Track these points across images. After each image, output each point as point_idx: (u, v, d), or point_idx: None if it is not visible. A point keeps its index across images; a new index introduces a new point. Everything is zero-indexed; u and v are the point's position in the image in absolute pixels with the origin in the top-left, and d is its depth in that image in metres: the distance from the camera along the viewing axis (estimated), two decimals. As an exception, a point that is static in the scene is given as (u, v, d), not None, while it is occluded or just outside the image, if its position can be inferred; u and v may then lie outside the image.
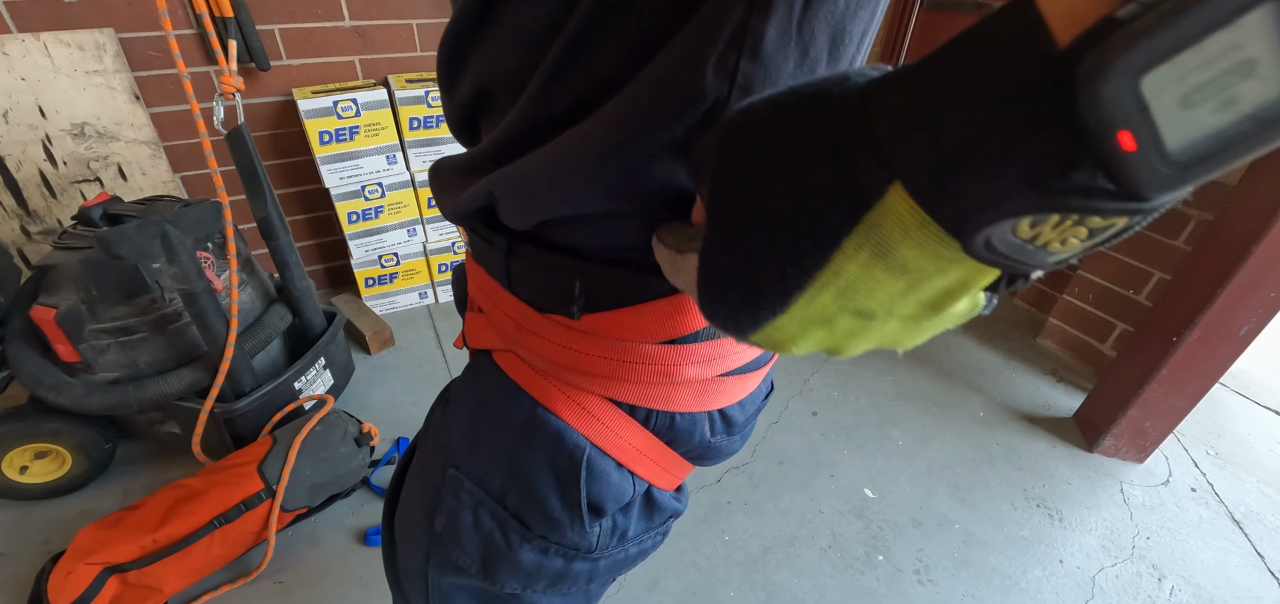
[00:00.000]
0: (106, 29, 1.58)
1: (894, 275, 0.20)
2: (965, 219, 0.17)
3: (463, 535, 0.43)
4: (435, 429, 0.47)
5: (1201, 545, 1.44)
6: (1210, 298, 1.37)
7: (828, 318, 0.22)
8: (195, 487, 1.21)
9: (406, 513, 0.50)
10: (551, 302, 0.38)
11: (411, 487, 0.50)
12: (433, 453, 0.46)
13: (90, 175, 1.68)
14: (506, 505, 0.42)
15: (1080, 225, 0.16)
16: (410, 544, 0.49)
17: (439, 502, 0.44)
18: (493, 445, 0.42)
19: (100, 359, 1.28)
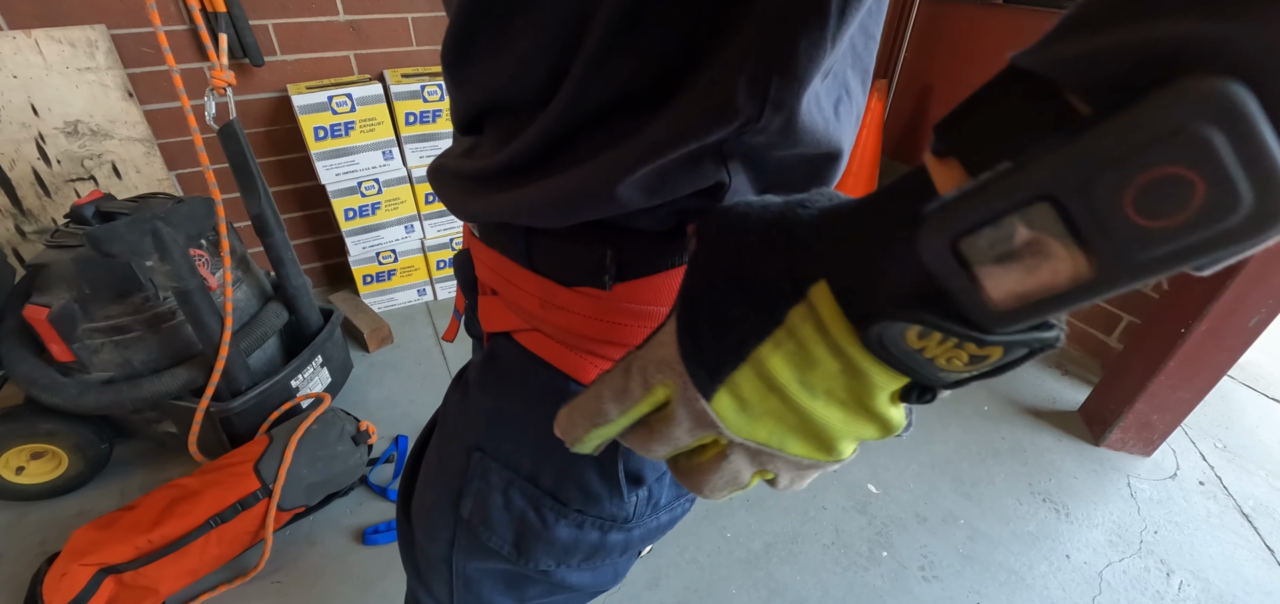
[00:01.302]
0: (98, 25, 1.57)
1: (829, 355, 0.23)
2: (862, 317, 0.21)
3: (493, 517, 0.44)
4: (455, 413, 0.47)
5: (1210, 540, 1.43)
6: (1219, 288, 1.35)
7: (778, 386, 0.24)
8: (191, 486, 1.20)
9: (426, 501, 0.50)
10: (580, 275, 0.37)
11: (430, 474, 0.49)
12: (455, 437, 0.46)
13: (84, 174, 1.66)
14: (540, 484, 0.42)
15: (960, 349, 0.20)
16: (432, 533, 0.49)
17: (465, 486, 0.44)
18: (521, 425, 0.42)
19: (95, 358, 1.27)
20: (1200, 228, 0.15)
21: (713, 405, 0.26)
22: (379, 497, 1.41)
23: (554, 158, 0.33)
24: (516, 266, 0.40)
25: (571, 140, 0.32)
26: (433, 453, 0.50)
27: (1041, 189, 0.16)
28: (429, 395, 1.72)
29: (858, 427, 0.25)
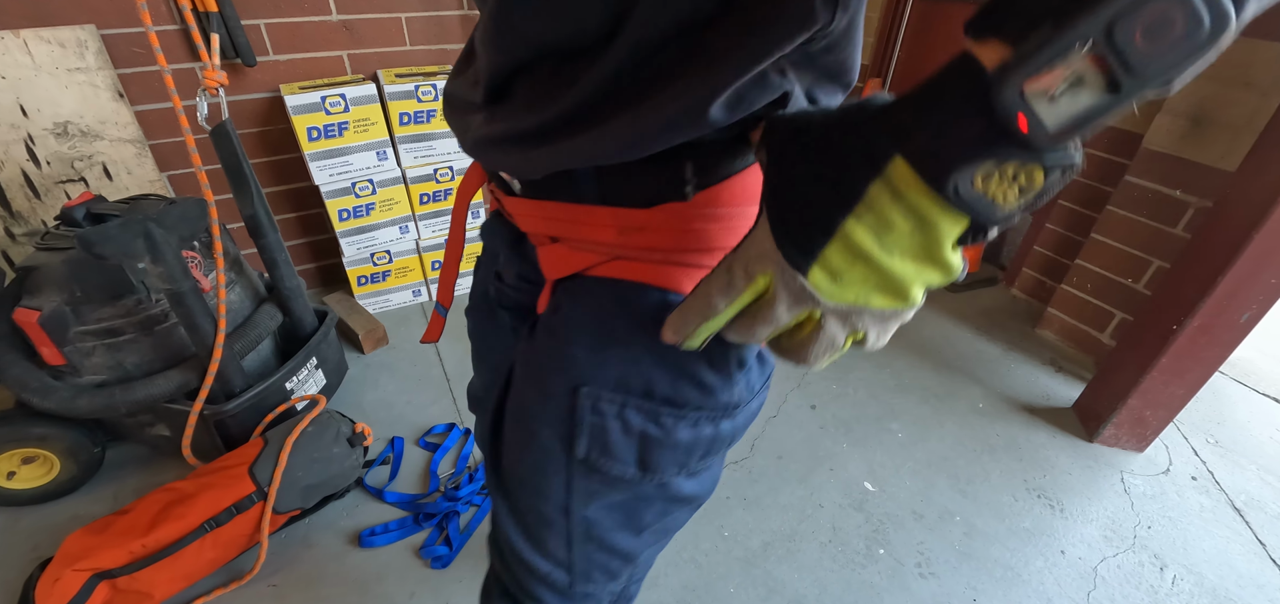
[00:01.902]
0: (87, 25, 1.55)
1: (903, 216, 0.29)
2: (941, 172, 0.27)
3: (614, 444, 0.46)
4: (543, 366, 0.47)
5: (1203, 534, 1.44)
6: (1211, 285, 1.36)
7: (864, 251, 0.30)
8: (185, 490, 1.19)
9: (526, 464, 0.50)
10: (661, 193, 0.41)
11: (523, 437, 0.49)
12: (549, 387, 0.46)
13: (74, 175, 1.65)
14: (655, 396, 0.44)
15: (1014, 182, 0.27)
16: (541, 490, 0.50)
17: (577, 428, 0.45)
18: (625, 348, 0.44)
19: (86, 361, 1.26)
20: (1181, 45, 0.22)
21: (809, 279, 0.31)
22: (375, 499, 1.40)
23: (629, 95, 0.35)
24: (583, 207, 0.43)
25: (647, 75, 0.34)
26: (517, 419, 0.50)
27: (1081, 36, 0.23)
28: (425, 396, 1.72)
29: (927, 273, 0.31)
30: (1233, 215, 1.36)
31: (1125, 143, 1.88)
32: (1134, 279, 1.84)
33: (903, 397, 1.80)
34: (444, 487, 1.42)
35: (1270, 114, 1.40)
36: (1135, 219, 1.79)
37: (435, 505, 1.36)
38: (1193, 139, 1.63)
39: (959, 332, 2.11)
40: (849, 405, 1.75)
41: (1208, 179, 1.62)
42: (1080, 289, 1.98)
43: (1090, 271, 1.94)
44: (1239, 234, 1.31)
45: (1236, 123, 1.55)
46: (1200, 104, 1.60)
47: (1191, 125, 1.63)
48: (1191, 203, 1.67)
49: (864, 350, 0.36)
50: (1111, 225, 1.85)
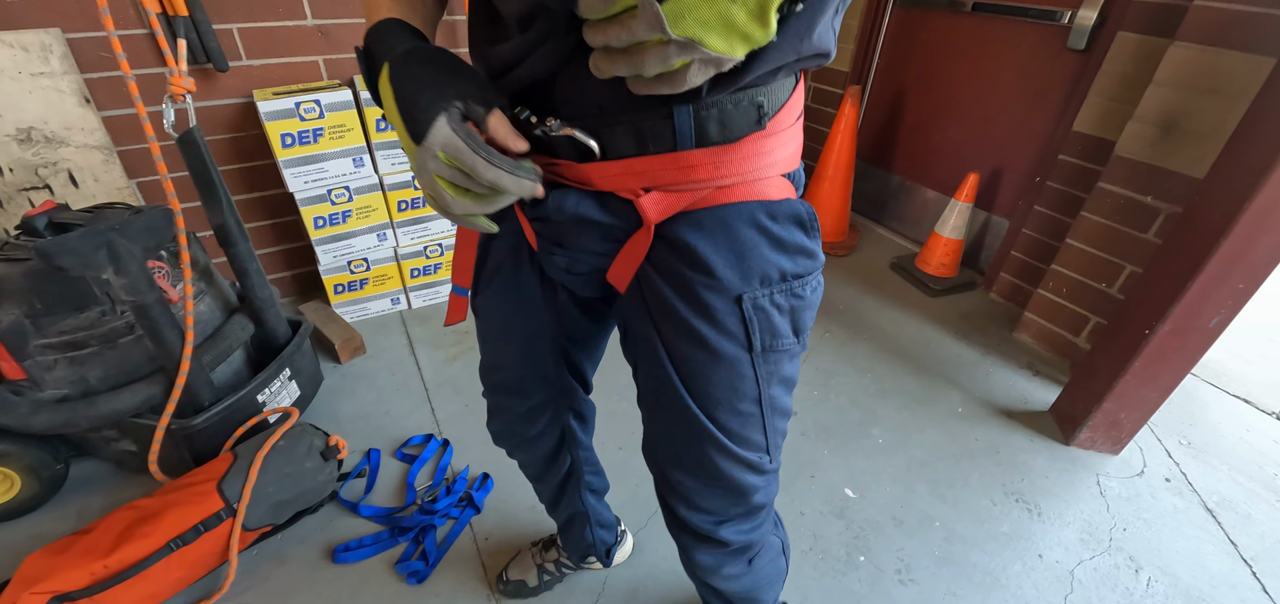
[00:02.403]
0: (52, 29, 1.51)
1: None
2: None
3: (776, 325, 0.58)
4: (690, 303, 0.57)
5: (1176, 535, 1.46)
6: (1180, 290, 1.38)
7: None
8: (151, 507, 1.16)
9: (721, 383, 0.60)
10: (744, 127, 0.52)
11: (702, 369, 0.59)
12: (714, 309, 0.57)
13: (39, 182, 1.60)
14: (787, 277, 0.57)
15: None
16: (740, 392, 0.61)
17: (749, 326, 0.57)
18: (754, 253, 0.55)
19: (48, 375, 1.22)
20: None
21: (664, 8, 0.37)
22: (350, 512, 1.38)
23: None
24: (680, 154, 0.52)
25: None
26: (687, 360, 0.60)
27: None
28: (402, 407, 1.69)
29: (752, 28, 0.38)
30: (1201, 222, 1.38)
31: (1098, 149, 1.91)
32: (1108, 284, 1.86)
33: (883, 402, 1.80)
34: (421, 499, 1.40)
35: (1237, 122, 1.43)
36: (1108, 224, 1.82)
37: (411, 519, 1.33)
38: (1163, 146, 1.66)
39: (939, 336, 2.13)
40: (830, 411, 1.75)
41: (1178, 185, 1.65)
42: (1056, 293, 2.00)
43: (1065, 276, 1.97)
44: (1208, 240, 1.34)
45: (1205, 130, 1.58)
46: (1171, 112, 1.63)
47: (1162, 132, 1.66)
48: (1162, 208, 1.70)
49: (687, 83, 0.42)
50: (1085, 230, 1.88)
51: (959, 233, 2.32)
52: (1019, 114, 2.26)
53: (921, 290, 2.40)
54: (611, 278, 0.64)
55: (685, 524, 0.73)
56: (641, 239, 0.57)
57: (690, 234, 0.55)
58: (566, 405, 0.91)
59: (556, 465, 0.99)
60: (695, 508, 0.70)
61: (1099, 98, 1.89)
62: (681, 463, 0.68)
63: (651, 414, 0.70)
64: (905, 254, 2.65)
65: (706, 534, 0.73)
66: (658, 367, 0.62)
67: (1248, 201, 1.26)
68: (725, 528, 0.72)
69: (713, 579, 0.80)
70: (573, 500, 1.05)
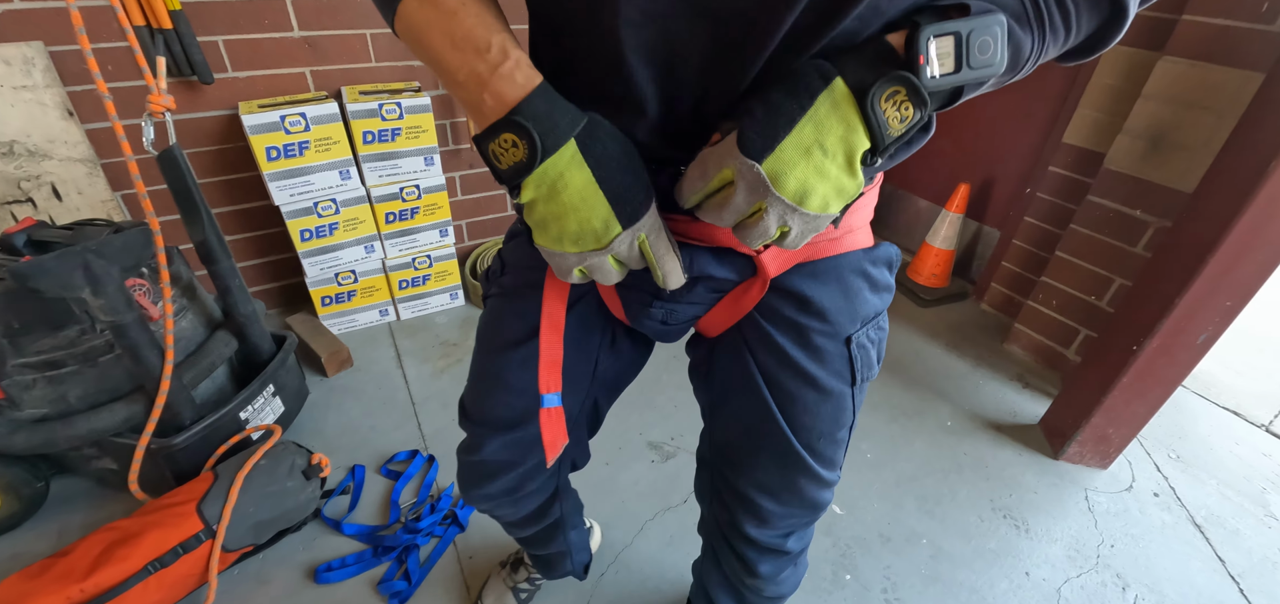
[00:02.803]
0: (35, 42, 1.50)
1: (837, 122, 0.41)
2: (865, 88, 0.40)
3: (872, 359, 0.64)
4: (801, 345, 0.61)
5: (1164, 551, 1.45)
6: (1169, 307, 1.38)
7: (807, 148, 0.41)
8: (129, 529, 1.14)
9: (826, 418, 0.64)
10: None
11: (812, 405, 0.63)
12: (825, 350, 0.61)
13: (21, 196, 1.59)
14: (876, 314, 0.63)
15: (903, 108, 0.40)
16: (840, 422, 0.66)
17: (854, 363, 0.62)
18: (859, 297, 0.60)
19: (26, 395, 1.21)
20: (991, 64, 0.41)
21: (764, 167, 0.41)
22: (333, 531, 1.37)
23: None
24: None
25: None
26: (794, 400, 0.63)
27: (956, 31, 0.39)
28: (388, 421, 1.68)
29: (844, 181, 0.43)
30: (1190, 237, 1.38)
31: (1088, 162, 1.91)
32: (1097, 297, 1.86)
33: (873, 415, 1.80)
34: (405, 517, 1.39)
35: (1225, 137, 1.43)
36: (1098, 238, 1.82)
37: (395, 538, 1.32)
38: (1152, 160, 1.66)
39: (929, 347, 2.12)
40: (819, 425, 1.75)
41: (1167, 199, 1.65)
42: (1046, 305, 2.00)
43: (1055, 289, 1.96)
44: (1195, 257, 1.33)
45: (1193, 145, 1.58)
46: (1159, 126, 1.63)
47: (1150, 147, 1.65)
48: (1151, 222, 1.70)
49: (785, 244, 0.46)
50: (1075, 244, 1.88)
51: (950, 243, 2.32)
52: (1010, 125, 2.26)
53: (912, 301, 2.39)
54: (706, 326, 0.66)
55: (755, 541, 0.76)
56: (754, 291, 0.59)
57: (806, 285, 0.59)
58: (568, 456, 0.84)
59: (544, 516, 0.91)
60: (771, 526, 0.74)
61: (1088, 110, 1.89)
62: (767, 489, 0.70)
63: (739, 441, 0.70)
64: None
65: (774, 547, 0.77)
66: (758, 404, 0.64)
67: (1235, 218, 1.26)
68: (791, 538, 0.77)
69: (769, 587, 0.82)
70: (555, 543, 0.98)
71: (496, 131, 0.43)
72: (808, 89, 0.41)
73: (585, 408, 0.77)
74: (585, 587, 1.29)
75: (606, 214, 0.46)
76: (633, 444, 1.64)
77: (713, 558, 0.90)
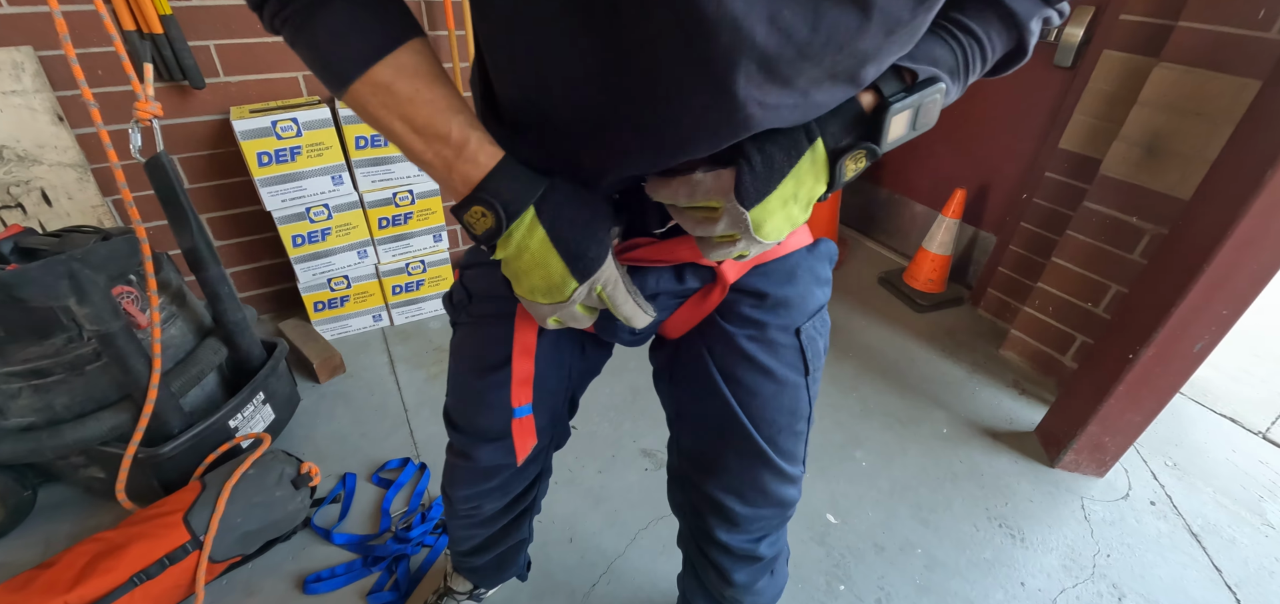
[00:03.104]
0: (24, 47, 1.49)
1: (813, 178, 0.48)
2: (839, 153, 0.47)
3: (820, 348, 0.68)
4: (758, 340, 0.65)
5: (1160, 561, 1.44)
6: (1165, 315, 1.37)
7: (786, 200, 0.48)
8: (115, 540, 1.13)
9: (783, 409, 0.67)
10: None
11: (771, 396, 0.66)
12: (779, 343, 0.65)
13: (11, 202, 1.58)
14: (821, 306, 0.67)
15: (859, 163, 0.48)
16: (798, 414, 0.69)
17: (805, 353, 0.66)
18: (807, 290, 0.65)
19: (12, 404, 1.20)
20: (932, 121, 0.50)
21: (750, 214, 0.47)
22: (323, 540, 1.35)
23: None
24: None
25: None
26: (755, 391, 0.66)
27: (912, 104, 0.47)
28: (380, 429, 1.67)
29: (799, 220, 0.51)
30: (1186, 244, 1.37)
31: (1084, 168, 1.90)
32: (1093, 303, 1.85)
33: (867, 422, 1.79)
34: (395, 527, 1.37)
35: (1222, 145, 1.42)
36: (1094, 244, 1.81)
37: (385, 548, 1.31)
38: (1148, 167, 1.65)
39: (925, 353, 2.11)
40: (813, 432, 1.73)
41: (1163, 206, 1.64)
42: (1042, 312, 1.99)
43: (1051, 295, 1.96)
44: (1192, 264, 1.33)
45: (1188, 152, 1.57)
46: (1155, 132, 1.62)
47: (1146, 153, 1.65)
48: (1147, 229, 1.69)
49: (740, 260, 0.57)
50: (1071, 249, 1.87)
51: (946, 248, 2.31)
52: (1006, 130, 2.26)
53: (908, 306, 2.38)
54: (669, 328, 0.69)
55: (727, 547, 0.77)
56: (715, 295, 0.64)
57: (761, 282, 0.63)
58: (554, 443, 0.91)
59: (525, 499, 0.95)
60: (742, 529, 0.75)
61: (1085, 116, 1.88)
62: (734, 490, 0.72)
63: (704, 444, 0.73)
64: (893, 268, 2.64)
65: (747, 553, 0.77)
66: (720, 403, 0.67)
67: (1232, 225, 1.25)
68: (763, 543, 0.78)
69: (747, 597, 0.83)
70: (520, 530, 1.02)
71: (468, 205, 0.48)
72: (796, 147, 0.47)
73: (562, 401, 0.83)
74: (577, 598, 1.28)
75: (563, 270, 0.50)
76: (625, 452, 1.63)
77: (692, 571, 0.92)
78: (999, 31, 0.52)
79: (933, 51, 0.49)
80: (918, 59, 0.48)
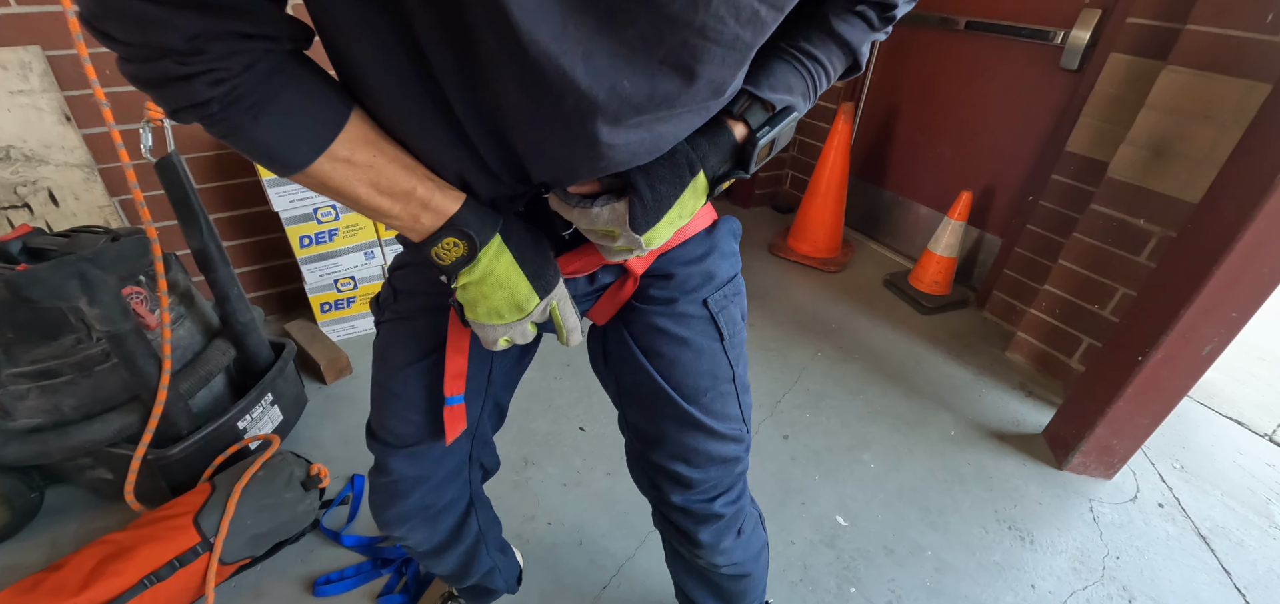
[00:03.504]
0: (32, 46, 1.48)
1: (694, 198, 0.56)
2: (715, 180, 0.56)
3: (732, 315, 0.74)
4: (670, 315, 0.70)
5: (1169, 564, 1.44)
6: (1174, 318, 1.37)
7: (672, 219, 0.55)
8: (123, 542, 1.13)
9: (704, 373, 0.72)
10: None
11: (690, 364, 0.71)
12: (690, 314, 0.71)
13: (18, 202, 1.57)
14: (730, 277, 0.74)
15: (732, 177, 0.58)
16: (720, 376, 0.74)
17: (717, 321, 0.72)
18: (712, 265, 0.72)
19: (19, 405, 1.19)
20: (785, 144, 0.60)
21: (643, 237, 0.54)
22: (332, 542, 1.35)
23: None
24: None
25: None
26: (676, 361, 0.71)
27: (774, 137, 0.56)
28: (388, 430, 1.66)
29: (681, 226, 0.60)
30: (1195, 248, 1.37)
31: (1090, 170, 1.90)
32: (1100, 305, 1.86)
33: (874, 425, 1.79)
34: (404, 529, 1.37)
35: (1230, 148, 1.42)
36: (1100, 246, 1.81)
37: (394, 550, 1.31)
38: (1155, 169, 1.66)
39: (931, 355, 2.12)
40: (821, 435, 1.74)
41: (1170, 209, 1.64)
42: (1048, 313, 1.99)
43: (1058, 297, 1.96)
44: (1201, 267, 1.33)
45: (1196, 156, 1.57)
46: (1162, 135, 1.62)
47: (1153, 156, 1.65)
48: (1154, 232, 1.69)
49: (631, 256, 0.59)
50: (1077, 251, 1.87)
51: (952, 250, 2.31)
52: (1012, 133, 2.26)
53: (914, 308, 2.38)
54: (594, 317, 0.74)
55: (684, 509, 0.80)
56: (628, 287, 0.70)
57: (667, 266, 0.69)
58: (477, 461, 0.89)
59: (463, 534, 0.91)
60: (691, 487, 0.78)
61: (1091, 119, 1.89)
62: (679, 456, 0.76)
63: (643, 418, 0.77)
64: (898, 270, 2.64)
65: (704, 513, 0.80)
66: (645, 378, 0.72)
67: (1242, 229, 1.25)
68: (718, 502, 0.80)
69: (714, 556, 0.85)
70: (480, 562, 0.98)
71: (440, 237, 0.53)
72: (680, 179, 0.54)
73: (487, 410, 0.83)
74: (586, 601, 1.27)
75: (527, 289, 0.57)
76: (634, 454, 1.63)
77: (669, 547, 0.95)
78: (838, 55, 0.59)
79: (788, 79, 0.56)
80: (776, 88, 0.55)
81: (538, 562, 1.33)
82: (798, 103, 0.57)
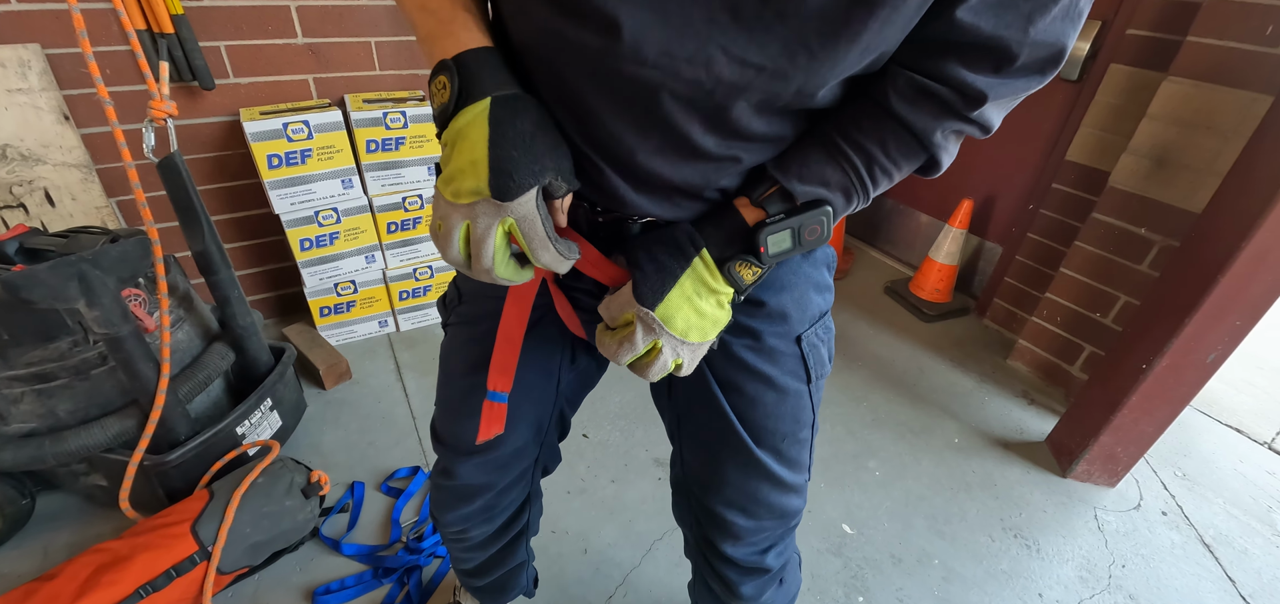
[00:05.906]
0: (31, 45, 1.46)
1: (709, 280, 0.54)
2: (722, 262, 0.54)
3: (822, 355, 0.68)
4: (756, 350, 0.64)
5: (1174, 572, 1.44)
6: (1178, 326, 1.38)
7: (688, 296, 0.53)
8: (119, 550, 1.10)
9: (786, 417, 0.67)
10: None
11: (772, 406, 0.66)
12: (779, 351, 0.65)
13: (14, 202, 1.54)
14: (822, 312, 0.67)
15: (751, 270, 0.54)
16: (801, 421, 0.68)
17: (807, 360, 0.66)
18: (806, 297, 0.65)
19: (14, 409, 1.16)
20: (819, 241, 0.54)
21: (656, 312, 0.52)
22: (332, 551, 1.32)
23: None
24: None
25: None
26: (758, 402, 0.65)
27: (793, 226, 0.52)
28: (388, 437, 1.64)
29: (719, 316, 0.56)
30: (1199, 258, 1.38)
31: (1092, 180, 1.92)
32: (1102, 314, 1.86)
33: (879, 432, 1.78)
34: (406, 537, 1.35)
35: (1233, 159, 1.43)
36: (1101, 254, 1.82)
37: (396, 559, 1.28)
38: (1157, 179, 1.67)
39: (933, 363, 2.11)
40: (826, 442, 1.73)
41: (1172, 219, 1.65)
42: (1049, 322, 2.00)
43: (1059, 305, 1.96)
44: (1205, 277, 1.33)
45: (1198, 165, 1.58)
46: (1164, 146, 1.63)
47: (1155, 166, 1.66)
48: (1156, 241, 1.70)
49: (681, 374, 0.58)
50: (1079, 260, 1.88)
51: (953, 259, 2.32)
52: (1012, 141, 2.27)
53: (915, 315, 2.39)
54: None
55: (733, 561, 0.75)
56: None
57: (758, 292, 0.62)
58: (541, 465, 0.88)
59: (513, 526, 0.91)
60: (745, 542, 0.74)
61: (1092, 128, 1.90)
62: (736, 505, 0.71)
63: (702, 457, 0.72)
64: (899, 278, 2.64)
65: (753, 565, 0.76)
66: (717, 416, 0.67)
67: (1246, 239, 1.26)
68: (769, 554, 0.76)
69: None
70: (516, 555, 0.97)
71: (435, 73, 0.48)
72: (682, 252, 0.53)
73: (552, 418, 0.81)
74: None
75: (484, 177, 0.46)
76: (638, 461, 1.61)
77: (701, 580, 0.90)
78: (898, 146, 0.50)
79: (822, 172, 0.50)
80: (806, 179, 0.50)
81: (543, 571, 1.31)
82: (833, 198, 0.51)
